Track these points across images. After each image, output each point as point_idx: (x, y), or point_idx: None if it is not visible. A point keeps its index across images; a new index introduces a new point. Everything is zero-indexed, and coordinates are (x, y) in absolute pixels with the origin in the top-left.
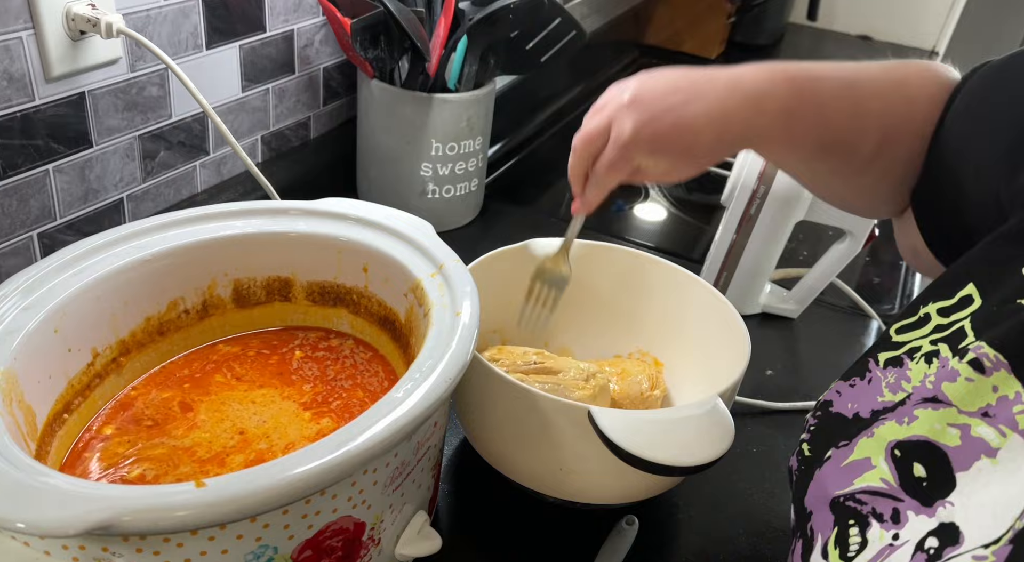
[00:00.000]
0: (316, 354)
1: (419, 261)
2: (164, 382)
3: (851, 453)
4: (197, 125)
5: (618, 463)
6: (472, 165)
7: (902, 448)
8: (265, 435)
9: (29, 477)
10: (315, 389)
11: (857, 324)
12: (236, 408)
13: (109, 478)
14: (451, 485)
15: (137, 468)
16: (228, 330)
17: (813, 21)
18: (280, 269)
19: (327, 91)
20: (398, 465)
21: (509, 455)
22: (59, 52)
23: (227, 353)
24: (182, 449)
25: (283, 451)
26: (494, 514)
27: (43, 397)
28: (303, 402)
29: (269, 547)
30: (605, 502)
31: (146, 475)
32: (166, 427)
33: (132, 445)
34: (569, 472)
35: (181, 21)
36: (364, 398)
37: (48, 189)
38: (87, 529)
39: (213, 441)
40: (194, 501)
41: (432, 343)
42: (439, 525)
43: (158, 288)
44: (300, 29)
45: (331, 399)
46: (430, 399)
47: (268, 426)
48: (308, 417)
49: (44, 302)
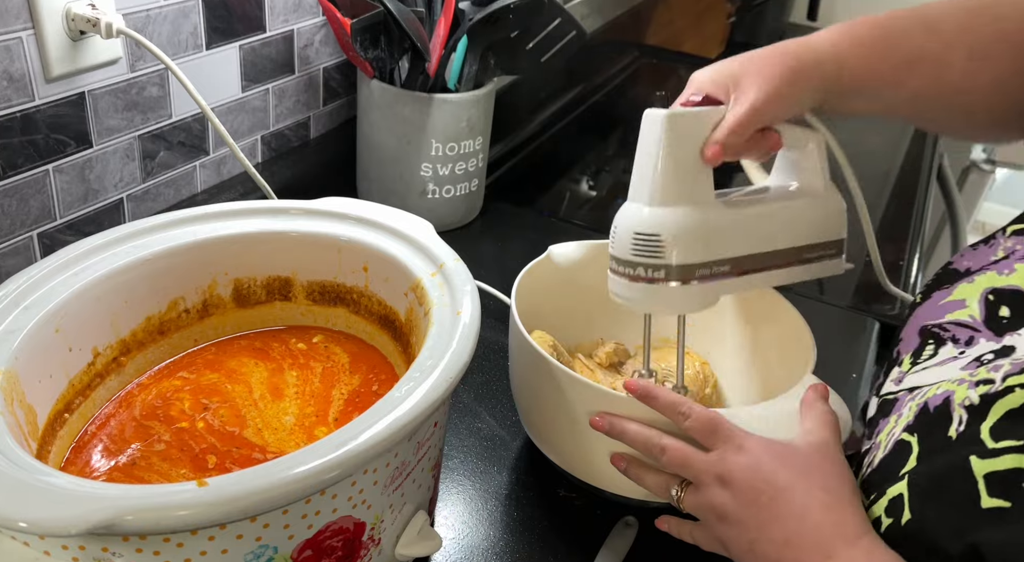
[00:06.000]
0: (316, 353)
1: (419, 260)
2: (165, 381)
3: (949, 294)
4: (197, 125)
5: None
6: (472, 165)
7: (996, 293)
8: (266, 434)
9: (31, 476)
10: (315, 388)
11: (857, 324)
12: (237, 407)
13: (110, 477)
14: (450, 484)
15: (138, 467)
16: (228, 329)
17: (813, 21)
18: (280, 268)
19: (327, 91)
20: (398, 465)
21: (578, 451)
22: (59, 52)
23: (227, 352)
24: (183, 448)
25: (283, 450)
26: (494, 514)
27: (44, 396)
28: (304, 401)
29: (269, 547)
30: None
31: (147, 474)
32: (167, 426)
33: (133, 444)
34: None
35: (181, 21)
36: (364, 397)
37: (48, 189)
38: (89, 528)
39: (214, 440)
40: (195, 500)
41: (432, 342)
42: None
43: (158, 288)
44: (300, 29)
45: (331, 399)
46: (430, 399)
47: (269, 425)
48: (309, 416)
49: (44, 302)
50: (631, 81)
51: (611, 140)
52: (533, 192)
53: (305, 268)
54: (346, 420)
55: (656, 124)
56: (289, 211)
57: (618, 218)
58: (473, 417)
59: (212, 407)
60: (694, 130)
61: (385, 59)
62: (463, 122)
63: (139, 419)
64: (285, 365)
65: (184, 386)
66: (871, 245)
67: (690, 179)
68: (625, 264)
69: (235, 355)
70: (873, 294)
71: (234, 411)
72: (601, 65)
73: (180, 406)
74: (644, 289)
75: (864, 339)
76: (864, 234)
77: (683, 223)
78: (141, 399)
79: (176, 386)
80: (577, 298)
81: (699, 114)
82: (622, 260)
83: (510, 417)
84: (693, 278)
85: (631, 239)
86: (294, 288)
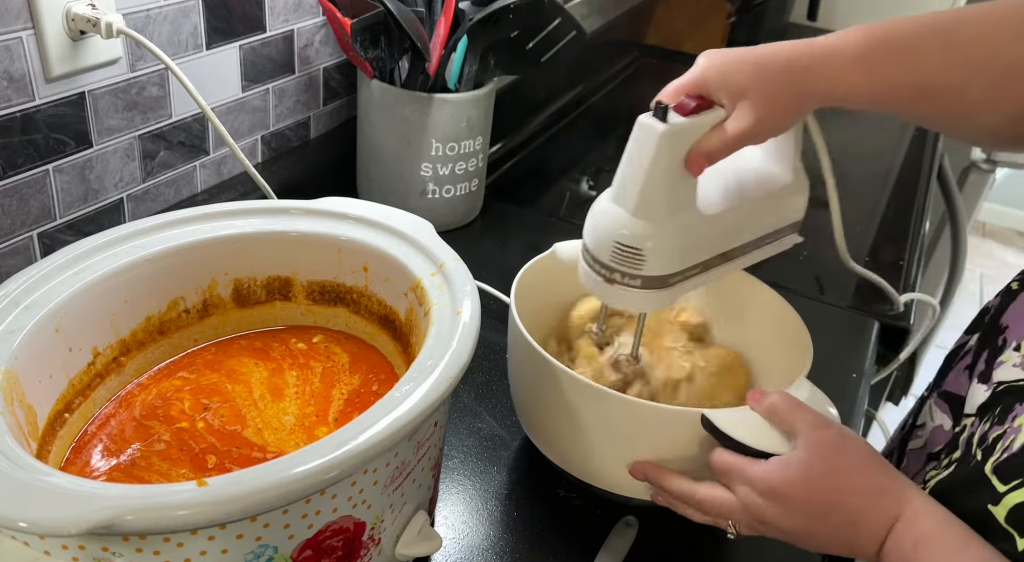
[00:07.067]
0: (316, 353)
1: (419, 260)
2: (165, 381)
3: None
4: (197, 125)
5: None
6: (472, 165)
7: None
8: (266, 434)
9: (31, 476)
10: (315, 388)
11: (857, 324)
12: (237, 407)
13: (110, 477)
14: (451, 483)
15: (138, 467)
16: (228, 329)
17: (813, 21)
18: (280, 268)
19: (327, 91)
20: (398, 465)
21: (577, 451)
22: (59, 52)
23: (227, 352)
24: (183, 448)
25: (283, 450)
26: (494, 514)
27: (44, 396)
28: (304, 401)
29: (269, 547)
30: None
31: (147, 474)
32: (167, 426)
33: (133, 444)
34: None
35: (181, 21)
36: (364, 397)
37: (48, 189)
38: (89, 528)
39: (214, 440)
40: (195, 500)
41: (432, 342)
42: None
43: (158, 287)
44: (300, 29)
45: (331, 398)
46: (430, 399)
47: (269, 425)
48: (309, 416)
49: (44, 302)
50: (631, 81)
51: (611, 140)
52: (533, 192)
53: (305, 268)
54: (346, 420)
55: (651, 138)
56: (289, 211)
57: (599, 216)
58: (473, 417)
59: (212, 407)
60: (687, 140)
61: (385, 59)
62: (463, 122)
63: (139, 419)
64: (285, 365)
65: (184, 386)
66: (836, 225)
67: (678, 189)
68: (602, 266)
69: (235, 355)
70: (873, 294)
71: (234, 411)
72: (601, 65)
73: (180, 406)
74: (618, 291)
75: (864, 339)
76: (832, 217)
77: (666, 238)
78: (141, 399)
79: (176, 386)
80: (578, 296)
81: (695, 125)
82: (599, 261)
83: (510, 417)
84: (667, 286)
85: (612, 245)
86: (294, 288)
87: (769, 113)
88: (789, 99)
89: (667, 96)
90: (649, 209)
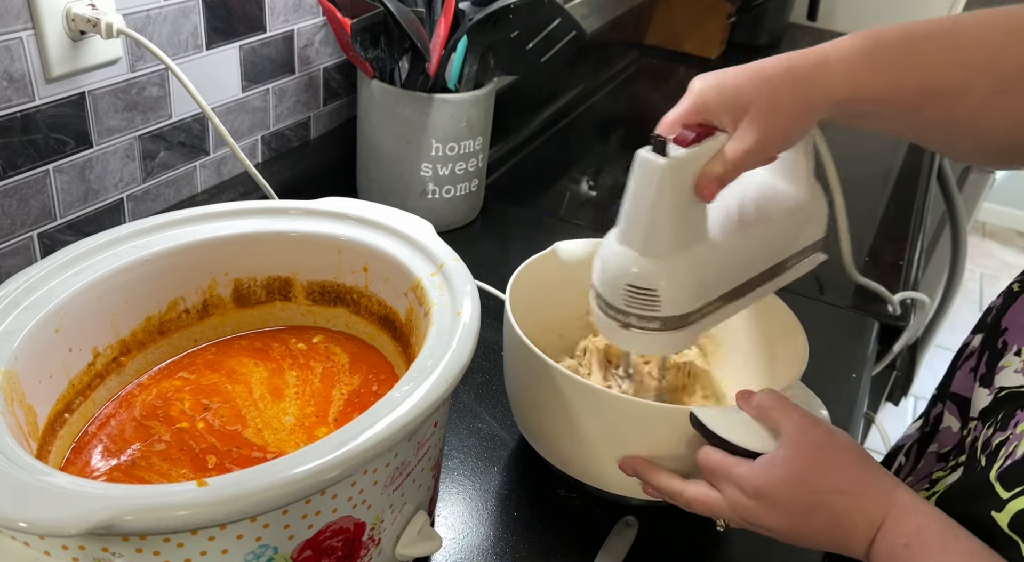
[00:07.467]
0: (316, 353)
1: (419, 260)
2: (165, 381)
3: None
4: (197, 125)
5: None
6: (472, 165)
7: None
8: (266, 434)
9: (31, 476)
10: (315, 388)
11: (857, 324)
12: (237, 407)
13: (110, 477)
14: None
15: (138, 467)
16: (229, 330)
17: (813, 21)
18: (280, 269)
19: (327, 91)
20: (398, 465)
21: (567, 448)
22: (59, 52)
23: (227, 353)
24: (183, 448)
25: (283, 450)
26: (494, 514)
27: (44, 396)
28: (304, 401)
29: (269, 547)
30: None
31: (147, 474)
32: (167, 426)
33: (133, 444)
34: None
35: (181, 21)
36: (364, 398)
37: (48, 189)
38: (89, 528)
39: (214, 441)
40: (195, 500)
41: (432, 342)
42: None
43: (158, 288)
44: (300, 29)
45: (331, 399)
46: (430, 399)
47: (269, 425)
48: (309, 416)
49: (44, 302)
50: (631, 81)
51: (611, 140)
52: (533, 192)
53: (305, 268)
54: (346, 420)
55: (653, 174)
56: (289, 211)
57: (608, 258)
58: (473, 417)
59: (212, 407)
60: (691, 171)
61: (385, 59)
62: (463, 122)
63: (139, 419)
64: (285, 365)
65: (184, 386)
66: (843, 238)
67: (687, 223)
68: (616, 311)
69: (235, 355)
70: (873, 294)
71: (234, 411)
72: (601, 65)
73: (180, 406)
74: (635, 335)
75: (864, 339)
76: (839, 230)
77: (680, 275)
78: (141, 399)
79: (176, 386)
80: (576, 296)
81: (697, 155)
82: (613, 306)
83: (510, 417)
84: (687, 325)
85: (624, 289)
86: (294, 288)
87: (774, 125)
88: (794, 105)
89: (665, 128)
90: (658, 246)
